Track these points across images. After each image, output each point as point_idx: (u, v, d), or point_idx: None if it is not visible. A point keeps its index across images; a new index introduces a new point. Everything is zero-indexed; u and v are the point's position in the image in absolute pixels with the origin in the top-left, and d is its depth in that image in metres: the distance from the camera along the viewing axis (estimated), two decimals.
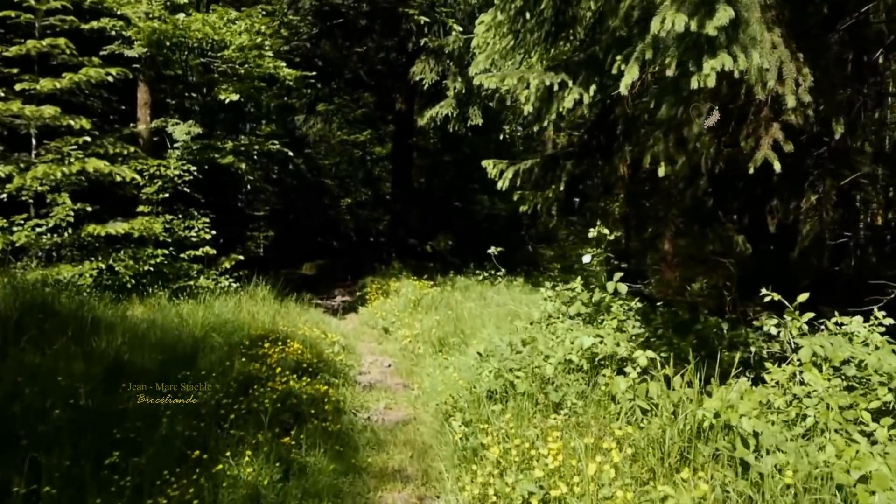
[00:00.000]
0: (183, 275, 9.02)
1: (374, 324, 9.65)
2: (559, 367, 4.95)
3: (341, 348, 7.59)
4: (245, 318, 8.05)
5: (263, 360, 6.11)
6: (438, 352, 7.76)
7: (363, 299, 11.97)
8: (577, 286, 5.93)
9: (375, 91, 20.62)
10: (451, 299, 10.82)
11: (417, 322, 8.81)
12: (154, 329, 7.14)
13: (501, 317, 9.72)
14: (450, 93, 10.76)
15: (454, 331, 8.35)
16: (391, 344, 8.42)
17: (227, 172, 12.72)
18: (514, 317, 9.93)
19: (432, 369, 6.97)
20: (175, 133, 9.27)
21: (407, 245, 18.18)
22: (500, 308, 10.20)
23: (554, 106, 5.56)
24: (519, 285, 12.91)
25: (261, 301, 9.32)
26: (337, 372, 6.51)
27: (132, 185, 9.04)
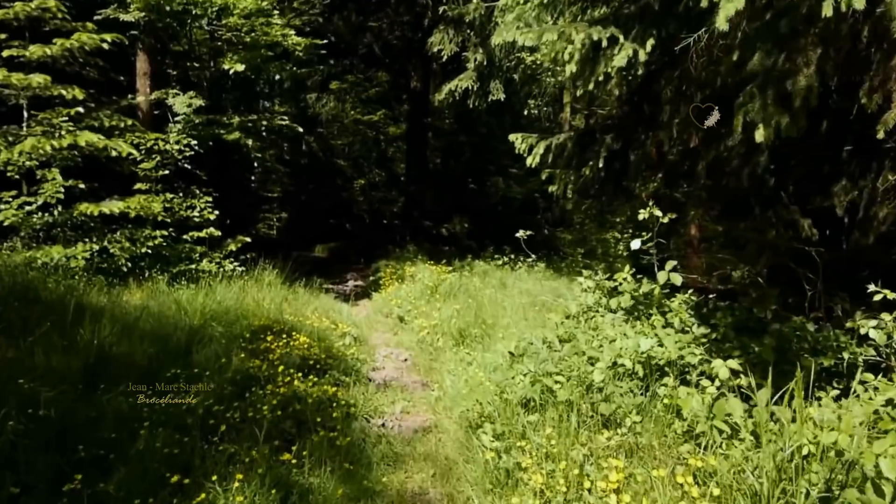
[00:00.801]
0: (184, 258, 8.28)
1: (389, 312, 8.87)
2: (608, 373, 4.14)
3: (353, 340, 6.82)
4: (249, 306, 7.30)
5: (265, 356, 5.35)
6: (459, 344, 6.98)
7: (377, 284, 11.20)
8: (625, 276, 5.09)
9: (390, 69, 19.71)
10: (470, 285, 10.02)
11: (435, 311, 8.02)
12: (148, 317, 6.42)
13: (525, 305, 8.95)
14: (470, 65, 9.87)
15: (475, 321, 7.57)
16: (407, 335, 7.65)
17: (236, 151, 12.00)
18: (539, 305, 9.16)
19: (453, 365, 6.19)
20: (175, 105, 8.47)
21: (422, 227, 17.37)
22: (523, 296, 9.41)
23: (600, 66, 4.69)
24: (540, 271, 12.08)
25: (267, 287, 8.58)
26: (348, 368, 5.74)
27: (130, 162, 8.29)
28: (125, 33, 8.36)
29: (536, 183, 27.24)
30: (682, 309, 4.30)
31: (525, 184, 25.58)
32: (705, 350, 3.96)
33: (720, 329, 4.13)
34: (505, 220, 21.12)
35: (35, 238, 7.50)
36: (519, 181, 25.23)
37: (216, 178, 12.49)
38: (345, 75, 18.14)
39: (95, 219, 7.90)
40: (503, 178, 24.38)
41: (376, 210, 20.97)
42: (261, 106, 17.57)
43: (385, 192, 21.06)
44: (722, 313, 4.32)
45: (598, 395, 4.01)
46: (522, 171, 26.93)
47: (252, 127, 10.41)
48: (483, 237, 17.55)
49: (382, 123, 20.84)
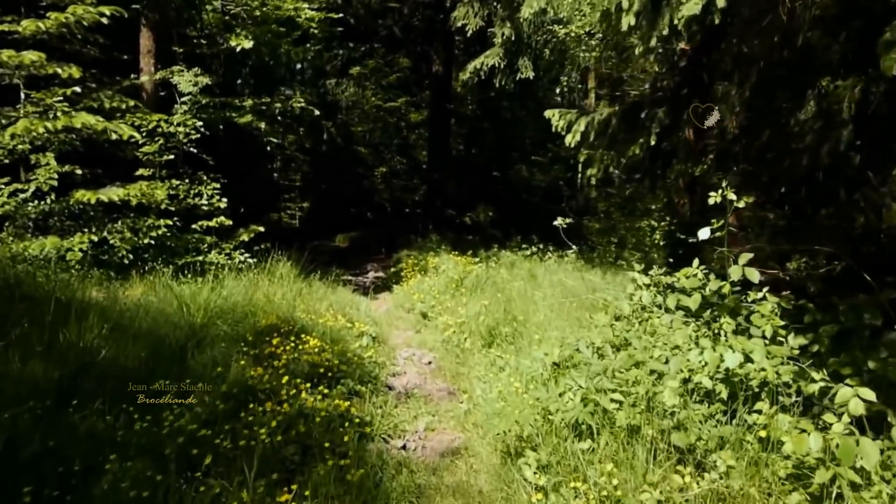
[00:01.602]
0: (191, 249, 7.59)
1: (411, 306, 8.10)
2: (677, 390, 3.31)
3: (371, 340, 6.06)
4: (259, 302, 6.58)
5: (270, 363, 4.62)
6: (488, 345, 6.20)
7: (398, 276, 10.44)
8: (694, 272, 4.22)
9: (410, 53, 18.86)
10: (497, 278, 9.22)
11: (461, 306, 7.24)
12: (146, 315, 5.74)
13: (558, 299, 8.14)
14: (497, 40, 9.01)
15: (504, 317, 6.78)
16: (430, 333, 6.87)
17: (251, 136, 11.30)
18: (574, 298, 8.35)
19: (483, 370, 5.41)
20: (181, 84, 7.75)
21: (444, 216, 16.56)
22: (555, 289, 8.58)
23: (664, 18, 3.82)
24: (570, 261, 11.21)
25: (280, 280, 7.86)
26: (364, 375, 4.98)
27: (134, 146, 7.59)
28: (127, 7, 7.64)
29: (561, 171, 26.39)
30: (774, 314, 3.45)
31: (549, 171, 24.64)
32: (805, 364, 3.11)
33: (822, 339, 3.26)
34: (529, 208, 20.24)
35: (29, 228, 6.85)
36: (542, 169, 24.29)
37: (229, 164, 11.81)
38: (365, 60, 17.34)
39: (96, 207, 7.24)
40: (526, 166, 23.46)
41: (398, 198, 20.21)
42: (281, 93, 16.88)
43: (406, 181, 20.27)
44: (818, 317, 3.44)
45: (669, 421, 3.19)
46: (546, 159, 26.09)
47: (266, 110, 9.68)
48: (508, 226, 16.71)
49: (404, 110, 20.01)
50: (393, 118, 19.87)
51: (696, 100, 5.38)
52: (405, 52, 18.14)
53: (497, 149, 20.63)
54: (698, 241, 4.10)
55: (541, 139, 25.80)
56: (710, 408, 3.16)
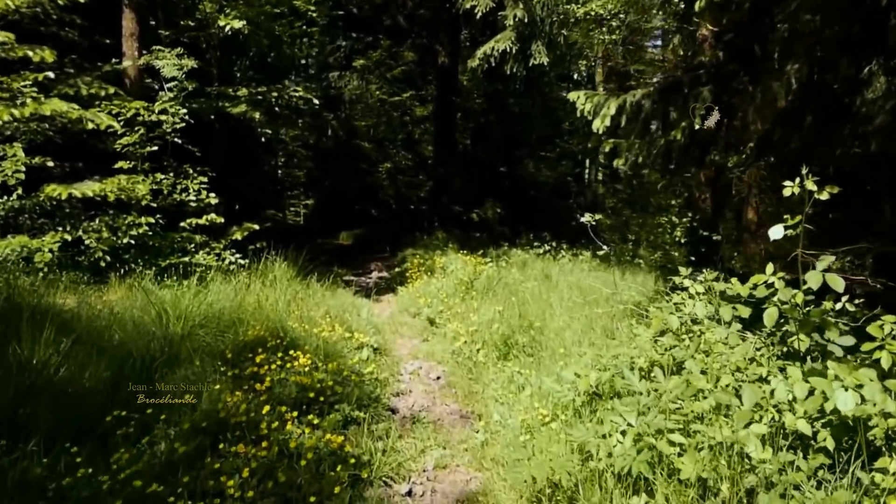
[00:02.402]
0: (177, 249, 6.84)
1: (416, 311, 7.35)
2: (760, 434, 2.54)
3: (372, 352, 5.31)
4: (249, 308, 5.83)
5: (252, 385, 3.86)
6: (503, 357, 5.44)
7: (402, 277, 9.68)
8: (769, 279, 3.41)
9: (416, 46, 18.07)
10: (509, 278, 8.45)
11: (472, 311, 6.47)
12: (119, 324, 5.00)
13: (576, 303, 7.39)
14: (508, 22, 8.21)
15: (520, 324, 6.02)
16: (439, 342, 6.11)
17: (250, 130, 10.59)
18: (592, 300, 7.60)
19: (500, 389, 4.65)
20: (165, 69, 6.99)
21: (451, 213, 15.78)
22: (572, 291, 7.83)
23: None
24: (585, 260, 10.44)
25: (275, 282, 7.12)
26: (363, 396, 4.22)
27: (115, 137, 6.85)
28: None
29: (568, 167, 25.57)
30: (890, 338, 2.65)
31: (556, 168, 23.81)
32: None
33: None
34: (538, 205, 19.47)
35: (3, 227, 6.13)
36: (549, 165, 23.47)
37: (226, 158, 11.08)
38: (368, 51, 16.52)
39: (74, 204, 6.52)
40: (533, 162, 22.65)
41: (402, 195, 19.41)
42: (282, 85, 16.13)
43: (412, 177, 19.47)
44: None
45: (754, 477, 2.42)
46: (554, 154, 25.27)
47: (262, 100, 8.92)
48: (517, 223, 15.94)
49: (409, 104, 19.19)
50: (397, 112, 19.07)
51: (745, 77, 4.60)
52: (410, 43, 17.34)
53: (504, 144, 19.82)
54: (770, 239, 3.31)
55: (548, 134, 25.03)
56: (809, 461, 2.39)
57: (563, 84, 29.32)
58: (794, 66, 4.60)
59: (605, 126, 4.78)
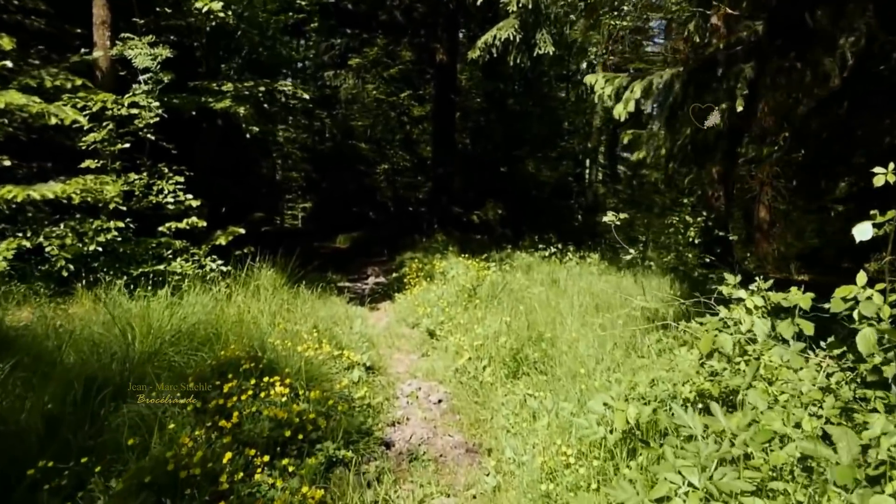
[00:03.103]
0: (152, 256, 6.17)
1: (415, 321, 6.67)
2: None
3: (364, 372, 4.64)
4: (228, 321, 5.17)
5: (216, 421, 3.19)
6: (513, 375, 4.78)
7: (400, 283, 9.00)
8: (858, 291, 2.71)
9: (413, 45, 17.42)
10: (514, 284, 7.80)
11: (476, 322, 5.80)
12: (74, 345, 4.36)
13: (588, 309, 6.76)
14: (511, 8, 7.54)
15: (529, 335, 5.37)
16: (440, 358, 5.43)
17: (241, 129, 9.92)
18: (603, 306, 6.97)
19: (512, 415, 3.99)
20: (137, 60, 6.31)
21: (450, 215, 15.11)
22: (583, 297, 7.20)
23: None
24: (594, 263, 9.78)
25: (261, 291, 6.46)
26: (352, 429, 3.55)
27: (82, 133, 6.18)
28: None
29: (569, 166, 24.90)
30: None
31: (557, 168, 23.15)
32: None
33: None
34: (540, 205, 18.80)
35: None
36: (550, 165, 22.81)
37: (210, 157, 10.41)
38: (364, 48, 15.83)
39: (41, 207, 5.86)
40: (533, 162, 21.99)
41: (401, 197, 18.73)
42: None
43: (410, 178, 18.78)
44: None
45: None
46: (554, 154, 24.61)
47: (249, 95, 8.26)
48: (519, 224, 15.28)
49: (406, 103, 18.51)
50: (395, 112, 18.38)
51: (791, 52, 3.93)
52: (407, 41, 16.68)
53: (504, 143, 19.16)
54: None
55: (547, 134, 24.38)
56: None
57: (561, 84, 28.71)
58: (848, 39, 3.94)
59: (628, 112, 4.12)
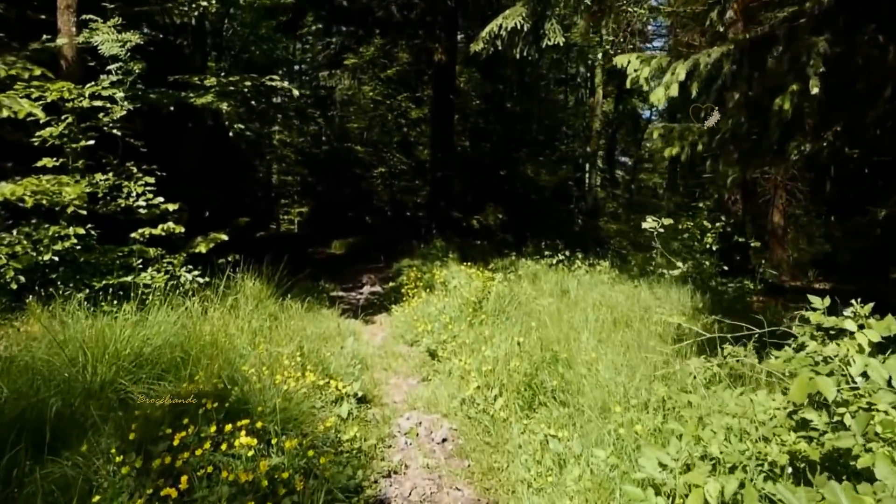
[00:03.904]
0: (118, 267, 5.42)
1: (414, 338, 5.93)
2: None
3: (354, 405, 3.90)
4: (200, 341, 4.43)
5: (158, 489, 2.43)
6: (529, 406, 4.05)
7: (397, 293, 8.23)
8: None
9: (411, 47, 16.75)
10: (521, 294, 7.07)
11: (484, 342, 5.06)
12: (16, 371, 3.63)
13: (605, 324, 6.06)
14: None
15: (543, 356, 4.65)
16: (443, 383, 4.68)
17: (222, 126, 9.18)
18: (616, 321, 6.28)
19: (532, 462, 3.26)
20: (102, 46, 5.57)
21: (450, 219, 14.37)
22: (600, 311, 6.49)
23: None
24: (604, 270, 9.04)
25: (243, 304, 5.72)
26: (337, 485, 2.81)
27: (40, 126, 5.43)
28: None
29: (570, 170, 24.23)
30: None
31: (556, 172, 22.47)
32: None
33: None
34: (541, 209, 18.10)
35: None
36: (549, 169, 22.14)
37: (196, 159, 9.68)
38: (361, 45, 15.08)
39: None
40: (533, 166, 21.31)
41: (398, 201, 17.98)
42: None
43: (408, 181, 18.04)
44: None
45: None
46: (554, 157, 23.93)
47: (234, 91, 7.53)
48: (522, 229, 14.56)
49: (404, 105, 17.79)
50: (392, 114, 17.65)
51: (871, 24, 3.22)
52: (405, 41, 15.96)
53: (504, 146, 18.46)
54: None
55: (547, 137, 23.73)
56: None
57: (560, 88, 28.06)
58: None
59: (670, 97, 3.40)
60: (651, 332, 5.81)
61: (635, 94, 30.68)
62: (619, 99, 29.47)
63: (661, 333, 5.85)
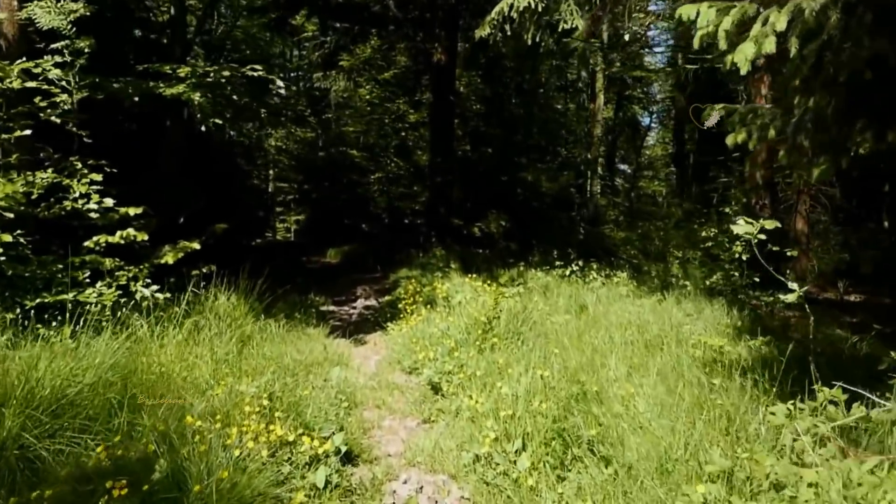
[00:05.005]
0: (59, 281, 4.45)
1: (413, 365, 4.95)
2: None
3: (337, 465, 2.93)
4: (148, 374, 3.48)
5: None
6: (562, 465, 3.09)
7: (394, 308, 7.24)
8: None
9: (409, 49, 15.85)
10: (534, 310, 6.12)
11: (498, 373, 4.10)
12: None
13: (635, 347, 5.15)
14: None
15: (570, 391, 3.72)
16: (449, 429, 3.70)
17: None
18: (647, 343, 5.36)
19: None
20: (42, 19, 4.63)
21: (450, 227, 13.41)
22: (625, 330, 5.56)
23: None
24: (622, 282, 8.10)
25: (215, 323, 4.75)
26: None
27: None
28: None
29: (571, 176, 23.32)
30: None
31: (556, 178, 21.59)
32: None
33: None
34: (545, 217, 17.15)
35: None
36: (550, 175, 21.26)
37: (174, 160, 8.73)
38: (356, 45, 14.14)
39: None
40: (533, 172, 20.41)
41: (395, 207, 17.00)
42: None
43: (406, 187, 17.07)
44: None
45: None
46: (555, 163, 23.04)
47: (212, 82, 6.60)
48: (527, 237, 13.61)
49: (402, 109, 16.86)
50: (390, 118, 16.71)
51: None
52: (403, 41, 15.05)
53: (504, 151, 17.53)
54: None
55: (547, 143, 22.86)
56: None
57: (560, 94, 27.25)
58: None
59: (764, 54, 2.47)
60: (691, 358, 4.89)
61: (635, 100, 29.98)
62: (619, 105, 28.71)
63: (702, 358, 4.92)
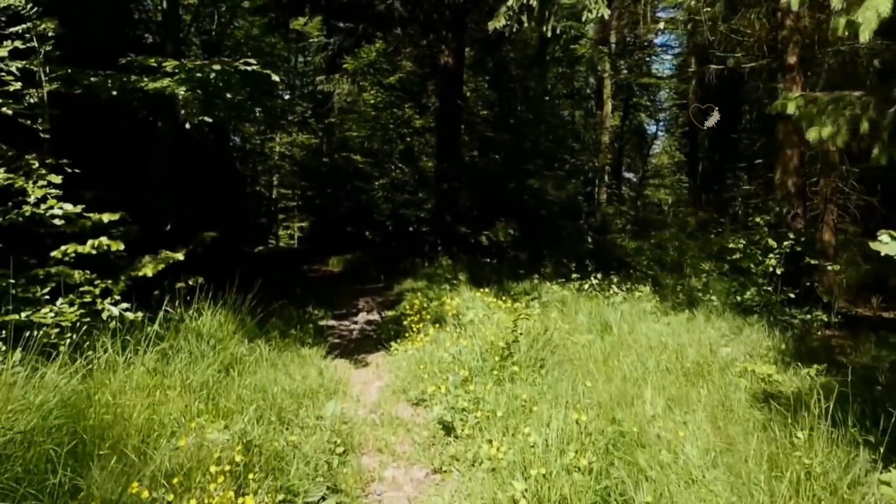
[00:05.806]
0: (11, 298, 3.79)
1: (420, 396, 4.26)
2: None
3: None
4: (103, 414, 2.82)
5: None
6: None
7: (399, 325, 6.53)
8: None
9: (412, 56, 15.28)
10: (553, 329, 5.42)
11: (521, 411, 3.42)
12: None
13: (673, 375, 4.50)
14: None
15: (607, 433, 3.05)
16: (467, 485, 3.01)
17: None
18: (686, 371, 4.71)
19: None
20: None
21: (456, 235, 12.73)
22: (656, 353, 4.90)
23: None
24: (645, 297, 7.39)
25: (195, 346, 4.09)
26: None
27: None
28: None
29: (578, 185, 22.65)
30: None
31: (563, 186, 20.96)
32: None
33: None
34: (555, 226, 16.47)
35: None
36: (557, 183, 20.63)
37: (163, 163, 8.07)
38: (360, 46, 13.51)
39: None
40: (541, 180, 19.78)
41: (400, 215, 16.32)
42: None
43: (411, 194, 16.41)
44: None
45: None
46: (563, 170, 22.37)
47: (201, 77, 5.97)
48: (539, 247, 12.93)
49: (409, 115, 16.24)
50: (394, 122, 16.09)
51: None
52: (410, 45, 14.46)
53: (512, 158, 16.88)
54: None
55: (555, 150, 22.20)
56: None
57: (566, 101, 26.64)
58: None
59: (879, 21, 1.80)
60: (737, 388, 4.22)
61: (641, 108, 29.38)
62: (626, 113, 28.09)
63: (750, 389, 4.25)
